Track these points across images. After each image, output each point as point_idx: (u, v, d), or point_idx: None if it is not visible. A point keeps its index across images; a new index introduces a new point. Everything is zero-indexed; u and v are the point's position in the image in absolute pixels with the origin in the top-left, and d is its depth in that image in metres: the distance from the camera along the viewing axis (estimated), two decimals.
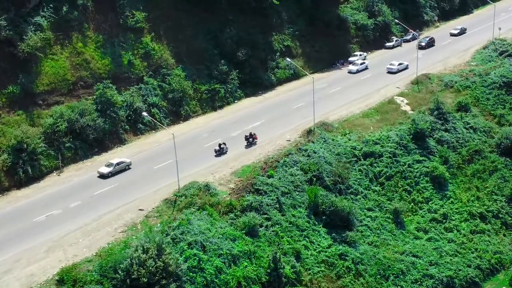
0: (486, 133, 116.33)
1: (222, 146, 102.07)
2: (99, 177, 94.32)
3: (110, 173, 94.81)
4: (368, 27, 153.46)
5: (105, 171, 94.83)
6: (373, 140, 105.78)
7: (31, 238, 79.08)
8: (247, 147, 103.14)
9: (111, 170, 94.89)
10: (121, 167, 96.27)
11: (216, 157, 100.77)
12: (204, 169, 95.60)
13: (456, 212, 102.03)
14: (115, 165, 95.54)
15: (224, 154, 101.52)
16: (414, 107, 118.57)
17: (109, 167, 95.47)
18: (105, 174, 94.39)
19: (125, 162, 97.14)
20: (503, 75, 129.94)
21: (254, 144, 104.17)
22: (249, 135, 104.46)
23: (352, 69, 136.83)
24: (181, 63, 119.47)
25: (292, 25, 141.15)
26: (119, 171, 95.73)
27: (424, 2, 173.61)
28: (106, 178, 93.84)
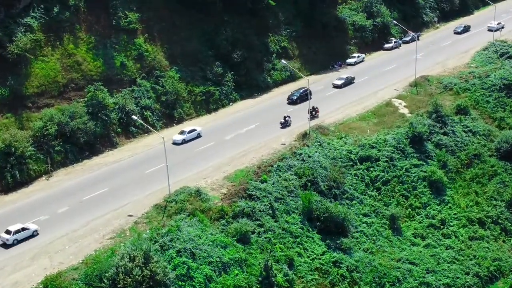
0: (486, 136, 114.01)
1: (287, 118, 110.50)
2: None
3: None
4: (367, 28, 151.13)
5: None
6: (370, 143, 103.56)
7: (16, 245, 76.89)
8: (310, 119, 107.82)
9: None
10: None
11: (281, 128, 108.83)
12: (196, 174, 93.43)
13: (454, 217, 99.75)
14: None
15: (289, 126, 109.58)
16: (412, 110, 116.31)
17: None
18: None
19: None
20: (503, 77, 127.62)
21: (317, 117, 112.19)
22: (312, 109, 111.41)
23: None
24: (175, 65, 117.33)
25: (289, 26, 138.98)
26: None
27: (424, 2, 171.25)
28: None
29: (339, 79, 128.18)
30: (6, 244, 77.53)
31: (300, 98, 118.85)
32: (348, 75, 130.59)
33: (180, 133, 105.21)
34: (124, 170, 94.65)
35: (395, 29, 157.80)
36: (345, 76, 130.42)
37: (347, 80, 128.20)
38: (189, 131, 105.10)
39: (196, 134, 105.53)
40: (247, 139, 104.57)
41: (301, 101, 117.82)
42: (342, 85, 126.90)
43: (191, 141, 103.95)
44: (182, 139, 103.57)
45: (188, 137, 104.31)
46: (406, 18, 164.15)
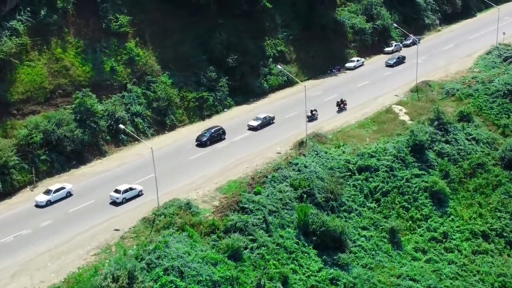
0: (490, 144, 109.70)
1: (313, 112, 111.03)
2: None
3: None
4: (366, 31, 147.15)
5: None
6: (369, 152, 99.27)
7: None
8: (338, 112, 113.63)
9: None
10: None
11: (309, 122, 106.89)
12: (187, 184, 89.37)
13: (457, 230, 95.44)
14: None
15: (315, 120, 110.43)
16: (413, 116, 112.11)
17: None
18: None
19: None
20: (508, 82, 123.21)
21: (345, 109, 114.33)
22: (340, 101, 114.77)
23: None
24: (167, 70, 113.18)
25: (286, 29, 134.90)
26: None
27: (425, 5, 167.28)
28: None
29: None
30: None
31: (211, 139, 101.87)
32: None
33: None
34: (112, 181, 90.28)
35: (396, 32, 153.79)
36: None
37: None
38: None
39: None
40: (241, 148, 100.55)
41: (211, 143, 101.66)
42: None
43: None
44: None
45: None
46: (407, 21, 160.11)
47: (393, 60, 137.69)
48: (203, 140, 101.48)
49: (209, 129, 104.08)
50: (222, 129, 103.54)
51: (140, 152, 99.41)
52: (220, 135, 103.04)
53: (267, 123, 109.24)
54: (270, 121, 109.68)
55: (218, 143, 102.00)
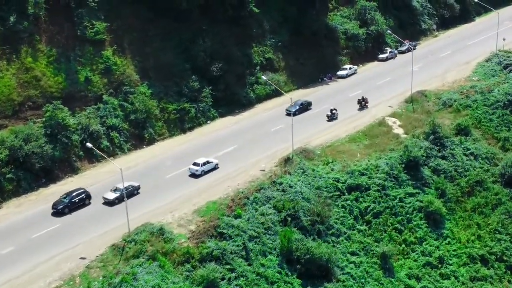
0: (489, 160, 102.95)
1: (334, 111, 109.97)
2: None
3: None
4: (360, 37, 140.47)
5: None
6: (360, 170, 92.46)
7: None
8: (359, 110, 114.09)
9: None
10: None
11: (328, 121, 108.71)
12: (163, 206, 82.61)
13: (454, 254, 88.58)
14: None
15: (335, 119, 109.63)
16: (408, 129, 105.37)
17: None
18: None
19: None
20: (508, 92, 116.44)
21: (366, 107, 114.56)
22: (362, 99, 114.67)
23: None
24: (147, 79, 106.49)
25: (274, 36, 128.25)
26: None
27: (422, 9, 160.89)
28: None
29: None
30: None
31: (70, 206, 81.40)
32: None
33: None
34: None
35: (391, 38, 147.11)
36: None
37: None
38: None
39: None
40: (224, 164, 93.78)
41: (71, 210, 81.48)
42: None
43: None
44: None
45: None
46: (403, 26, 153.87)
47: (295, 107, 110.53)
48: (59, 208, 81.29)
49: (69, 193, 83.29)
50: (86, 193, 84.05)
51: (115, 169, 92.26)
52: (83, 200, 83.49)
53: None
54: (134, 191, 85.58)
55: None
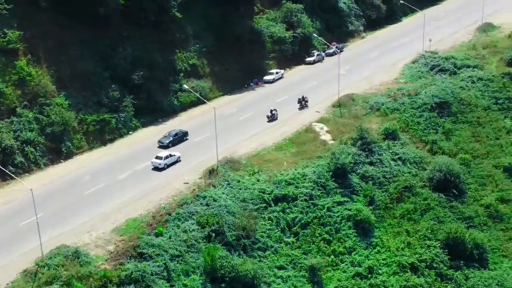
0: (417, 164, 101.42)
1: (273, 112, 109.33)
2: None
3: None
4: (286, 41, 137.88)
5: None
6: (286, 180, 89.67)
7: None
8: (300, 109, 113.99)
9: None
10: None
11: (268, 122, 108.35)
12: (80, 225, 77.96)
13: (383, 263, 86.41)
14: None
15: (275, 120, 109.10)
16: (335, 135, 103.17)
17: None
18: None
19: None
20: (435, 94, 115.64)
21: (307, 106, 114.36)
22: (302, 98, 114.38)
23: None
24: (64, 90, 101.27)
25: (199, 41, 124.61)
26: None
27: (349, 10, 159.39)
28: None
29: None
30: None
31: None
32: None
33: None
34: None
35: (318, 41, 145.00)
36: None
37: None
38: None
39: None
40: (145, 178, 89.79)
41: None
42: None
43: None
44: None
45: None
46: (330, 28, 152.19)
47: (169, 138, 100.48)
48: None
49: None
50: None
51: (31, 186, 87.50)
52: None
53: None
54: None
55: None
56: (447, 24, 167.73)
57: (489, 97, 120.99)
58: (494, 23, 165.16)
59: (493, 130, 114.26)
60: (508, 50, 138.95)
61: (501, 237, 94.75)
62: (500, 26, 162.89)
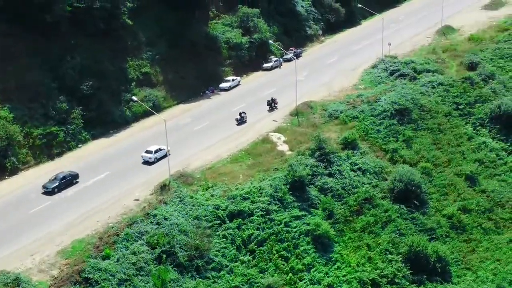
0: (377, 174, 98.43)
1: (242, 115, 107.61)
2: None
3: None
4: (243, 46, 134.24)
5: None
6: (242, 194, 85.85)
7: None
8: (269, 111, 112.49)
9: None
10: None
11: (238, 125, 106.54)
12: (23, 248, 73.48)
13: (343, 280, 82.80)
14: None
15: (245, 123, 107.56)
16: (293, 146, 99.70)
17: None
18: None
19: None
20: (395, 101, 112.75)
21: (276, 108, 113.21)
22: (271, 100, 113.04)
23: None
24: (8, 102, 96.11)
25: (152, 48, 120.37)
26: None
27: (307, 14, 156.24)
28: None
29: None
30: None
31: None
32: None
33: None
34: None
35: (275, 46, 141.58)
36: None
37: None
38: None
39: None
40: (94, 195, 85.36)
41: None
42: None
43: None
44: None
45: None
46: (288, 32, 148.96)
47: (56, 182, 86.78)
48: None
49: None
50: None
51: None
52: None
53: None
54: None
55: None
56: (407, 27, 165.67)
57: (450, 102, 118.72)
58: (454, 25, 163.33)
59: (454, 136, 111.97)
60: (468, 53, 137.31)
61: (464, 248, 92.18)
62: (460, 29, 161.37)
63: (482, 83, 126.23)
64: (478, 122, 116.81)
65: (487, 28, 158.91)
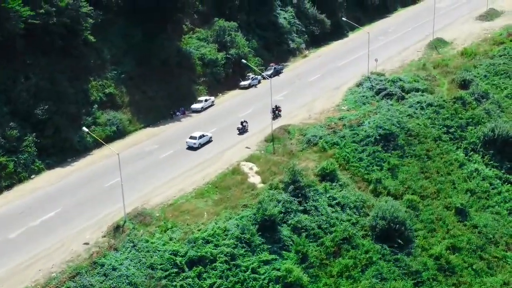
0: (358, 209, 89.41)
1: (244, 123, 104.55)
2: None
3: None
4: (218, 63, 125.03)
5: None
6: (204, 237, 76.63)
7: None
8: (273, 119, 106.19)
9: None
10: None
11: (239, 135, 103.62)
12: None
13: None
14: None
15: (246, 132, 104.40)
16: (266, 177, 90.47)
17: None
18: None
19: None
20: (379, 125, 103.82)
21: (280, 116, 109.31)
22: (275, 108, 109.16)
23: None
24: None
25: (117, 66, 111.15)
26: None
27: (290, 26, 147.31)
28: None
29: None
30: None
31: None
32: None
33: None
34: None
35: (255, 62, 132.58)
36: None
37: None
38: None
39: None
40: (41, 236, 76.03)
41: None
42: None
43: None
44: None
45: None
46: (269, 46, 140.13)
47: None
48: None
49: None
50: None
51: None
52: None
53: None
54: None
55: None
56: (396, 40, 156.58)
57: (440, 125, 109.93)
58: (446, 38, 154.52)
59: (444, 164, 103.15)
60: (460, 70, 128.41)
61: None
62: (452, 42, 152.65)
63: (475, 103, 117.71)
64: (470, 147, 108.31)
65: (481, 41, 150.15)
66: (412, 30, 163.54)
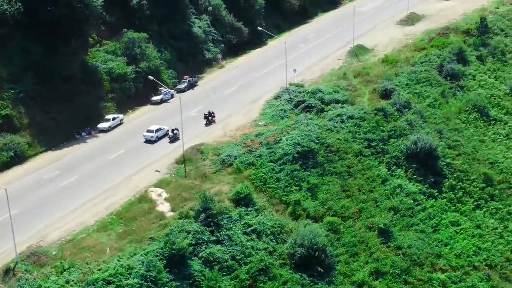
0: (275, 236, 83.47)
1: (175, 131, 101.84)
2: None
3: None
4: (128, 77, 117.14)
5: None
6: (105, 277, 69.43)
7: None
8: (206, 125, 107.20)
9: None
10: None
11: (170, 143, 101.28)
12: None
13: None
14: None
15: (178, 140, 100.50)
16: (176, 204, 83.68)
17: None
18: None
19: None
20: (297, 141, 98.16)
21: (214, 122, 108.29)
22: (208, 114, 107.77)
23: None
24: None
25: (15, 85, 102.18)
26: None
27: (205, 35, 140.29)
28: None
29: None
30: None
31: None
32: None
33: None
34: None
35: (167, 74, 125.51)
36: None
37: None
38: None
39: None
40: None
41: None
42: None
43: None
44: None
45: None
46: (183, 58, 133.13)
47: None
48: None
49: None
50: None
51: None
52: None
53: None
54: None
55: None
56: (317, 47, 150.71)
57: (361, 139, 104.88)
58: (367, 44, 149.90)
59: (366, 181, 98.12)
60: (381, 79, 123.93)
61: None
62: (373, 48, 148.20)
63: (397, 113, 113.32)
64: (393, 161, 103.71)
65: (402, 47, 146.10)
66: (333, 37, 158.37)
